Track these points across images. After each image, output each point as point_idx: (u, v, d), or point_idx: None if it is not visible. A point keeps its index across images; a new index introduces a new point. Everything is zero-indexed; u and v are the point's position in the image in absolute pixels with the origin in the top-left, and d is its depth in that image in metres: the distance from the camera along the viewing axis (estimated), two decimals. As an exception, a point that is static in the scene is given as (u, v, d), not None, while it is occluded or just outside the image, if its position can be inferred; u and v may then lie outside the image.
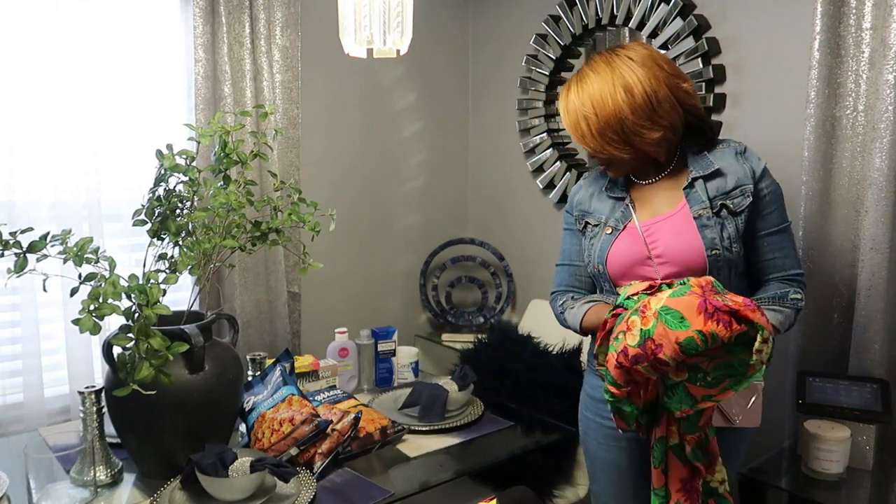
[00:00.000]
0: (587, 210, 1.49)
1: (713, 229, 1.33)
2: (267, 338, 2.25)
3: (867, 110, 1.60)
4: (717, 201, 1.34)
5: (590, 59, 1.39)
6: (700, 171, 1.37)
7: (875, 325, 1.57)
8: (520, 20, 2.55)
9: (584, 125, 1.34)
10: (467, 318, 2.72)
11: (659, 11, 2.00)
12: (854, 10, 1.59)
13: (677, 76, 1.35)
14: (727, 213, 1.34)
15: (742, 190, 1.34)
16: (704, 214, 1.34)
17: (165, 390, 1.40)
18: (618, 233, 1.41)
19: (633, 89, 1.31)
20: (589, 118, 1.33)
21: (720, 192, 1.35)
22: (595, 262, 1.44)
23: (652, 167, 1.43)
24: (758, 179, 1.35)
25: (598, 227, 1.45)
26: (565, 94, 1.38)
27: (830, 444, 1.48)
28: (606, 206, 1.46)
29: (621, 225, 1.41)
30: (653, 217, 1.40)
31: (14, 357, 1.92)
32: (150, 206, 1.52)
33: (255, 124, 2.11)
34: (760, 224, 1.36)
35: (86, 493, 1.42)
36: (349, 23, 1.65)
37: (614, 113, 1.31)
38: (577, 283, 1.53)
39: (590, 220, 1.48)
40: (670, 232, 1.36)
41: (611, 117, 1.32)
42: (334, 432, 1.58)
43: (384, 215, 2.66)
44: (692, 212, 1.35)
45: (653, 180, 1.43)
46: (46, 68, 1.87)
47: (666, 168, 1.42)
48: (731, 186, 1.35)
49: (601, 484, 1.56)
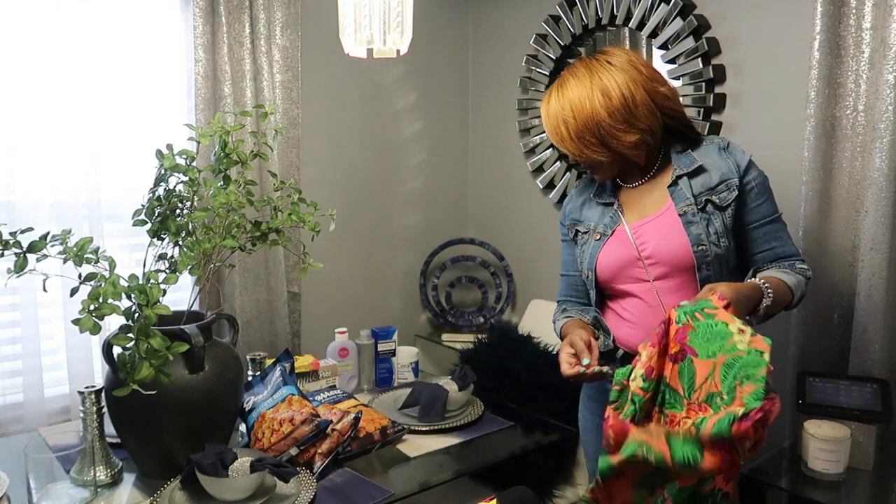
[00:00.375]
0: (578, 219, 1.52)
1: (699, 225, 1.34)
2: (267, 338, 2.25)
3: (867, 110, 1.60)
4: (702, 197, 1.35)
5: (572, 65, 1.41)
6: (683, 169, 1.38)
7: (875, 325, 1.57)
8: (520, 20, 2.55)
9: (563, 129, 1.37)
10: (467, 318, 2.72)
11: (659, 11, 2.00)
12: (854, 10, 1.59)
13: (656, 80, 1.37)
14: (713, 208, 1.35)
15: (727, 184, 1.35)
16: (689, 211, 1.35)
17: (165, 390, 1.39)
18: (606, 238, 1.43)
19: (610, 93, 1.32)
20: (568, 121, 1.35)
21: (705, 188, 1.36)
22: (585, 269, 1.47)
23: (637, 170, 1.44)
24: (743, 173, 1.36)
25: (587, 234, 1.48)
26: (546, 100, 1.41)
27: (830, 444, 1.48)
28: (596, 212, 1.48)
29: (609, 230, 1.43)
30: (641, 219, 1.41)
31: (14, 357, 1.92)
32: (150, 206, 1.52)
33: (255, 124, 2.11)
34: (752, 216, 1.37)
35: (86, 493, 1.42)
36: (349, 23, 1.65)
37: (591, 116, 1.33)
38: (574, 293, 1.57)
39: (580, 227, 1.51)
40: (658, 232, 1.38)
41: (588, 120, 1.34)
42: (334, 432, 1.58)
43: (384, 215, 2.66)
44: (677, 209, 1.36)
45: (639, 183, 1.45)
46: (46, 68, 1.87)
47: (651, 170, 1.43)
48: (715, 182, 1.36)
49: None
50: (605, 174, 1.45)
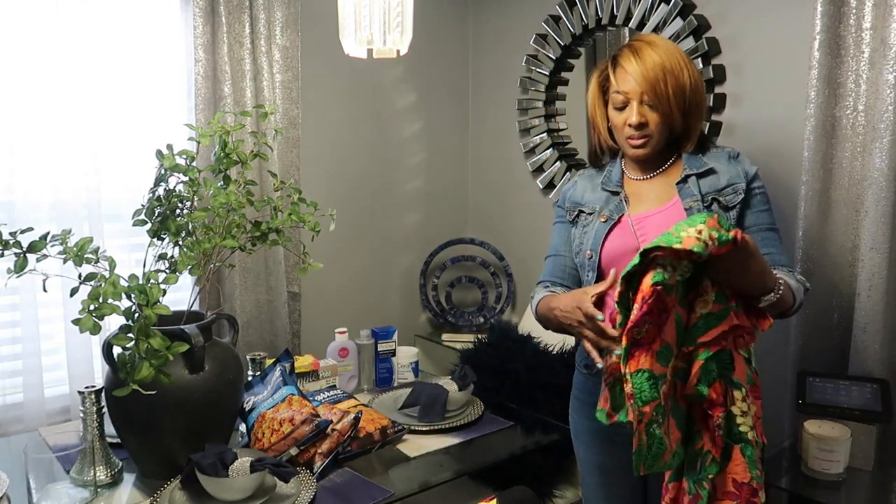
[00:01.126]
0: (580, 202, 1.51)
1: None
2: (267, 338, 2.25)
3: (867, 110, 1.60)
4: (709, 196, 1.37)
5: (630, 42, 1.39)
6: (694, 169, 1.40)
7: (875, 325, 1.57)
8: (520, 20, 2.54)
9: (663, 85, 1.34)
10: (467, 318, 2.72)
11: (659, 11, 2.00)
12: (854, 10, 1.59)
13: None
14: (718, 207, 1.36)
15: (734, 188, 1.37)
16: (695, 207, 1.36)
17: (165, 390, 1.40)
18: (612, 223, 1.42)
19: (692, 67, 1.37)
20: (668, 77, 1.34)
21: (712, 189, 1.38)
22: (587, 249, 1.45)
23: (650, 163, 1.44)
24: (750, 179, 1.38)
25: (592, 216, 1.47)
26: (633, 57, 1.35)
27: (830, 444, 1.48)
28: (601, 197, 1.47)
29: (616, 216, 1.43)
30: (645, 212, 1.42)
31: (14, 357, 1.92)
32: (150, 206, 1.53)
33: (255, 124, 2.11)
34: (754, 219, 1.38)
35: (86, 493, 1.42)
36: (349, 23, 1.65)
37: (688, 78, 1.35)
38: (561, 274, 1.53)
39: (584, 209, 1.49)
40: (661, 226, 1.37)
41: (684, 83, 1.35)
42: (334, 432, 1.58)
43: (384, 215, 2.66)
44: (683, 204, 1.37)
45: (647, 176, 1.45)
46: (46, 68, 1.87)
47: (661, 165, 1.44)
48: (723, 185, 1.38)
49: (591, 487, 1.56)
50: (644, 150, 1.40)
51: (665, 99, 1.34)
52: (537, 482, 1.90)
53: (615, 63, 1.38)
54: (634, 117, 1.35)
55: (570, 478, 1.99)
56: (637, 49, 1.36)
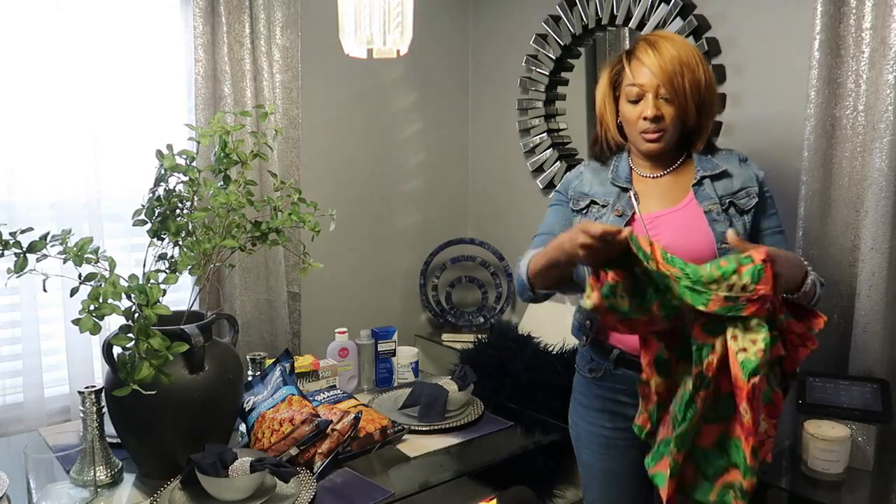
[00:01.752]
0: (587, 192, 1.47)
1: (723, 224, 1.35)
2: (267, 338, 2.25)
3: (867, 110, 1.60)
4: (726, 200, 1.38)
5: (646, 36, 1.39)
6: (708, 171, 1.40)
7: (875, 325, 1.57)
8: (520, 20, 2.54)
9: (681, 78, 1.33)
10: (467, 318, 2.72)
11: (659, 11, 2.00)
12: (854, 10, 1.59)
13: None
14: (735, 210, 1.37)
15: (747, 191, 1.38)
16: (714, 210, 1.36)
17: (165, 390, 1.39)
18: (626, 219, 1.41)
19: (706, 65, 1.37)
20: (685, 70, 1.33)
21: (727, 192, 1.38)
22: None
23: (660, 161, 1.43)
24: (761, 183, 1.40)
25: (605, 209, 1.44)
26: (651, 50, 1.34)
27: (830, 444, 1.48)
28: (612, 191, 1.45)
29: (628, 212, 1.41)
30: (657, 211, 1.40)
31: (14, 357, 1.92)
32: (150, 206, 1.53)
33: (255, 124, 2.11)
34: (766, 223, 1.40)
35: (86, 493, 1.42)
36: (349, 23, 1.65)
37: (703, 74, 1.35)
38: None
39: (596, 199, 1.46)
40: (676, 226, 1.38)
41: (700, 78, 1.35)
42: (334, 432, 1.58)
43: (384, 215, 2.66)
44: (702, 206, 1.37)
45: (658, 175, 1.44)
46: (47, 68, 1.87)
47: (672, 164, 1.44)
48: (737, 187, 1.39)
49: (594, 492, 1.54)
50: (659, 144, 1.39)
51: (682, 92, 1.33)
52: (537, 482, 1.90)
53: (631, 56, 1.38)
54: (650, 110, 1.34)
55: (571, 478, 1.99)
56: (654, 42, 1.36)
